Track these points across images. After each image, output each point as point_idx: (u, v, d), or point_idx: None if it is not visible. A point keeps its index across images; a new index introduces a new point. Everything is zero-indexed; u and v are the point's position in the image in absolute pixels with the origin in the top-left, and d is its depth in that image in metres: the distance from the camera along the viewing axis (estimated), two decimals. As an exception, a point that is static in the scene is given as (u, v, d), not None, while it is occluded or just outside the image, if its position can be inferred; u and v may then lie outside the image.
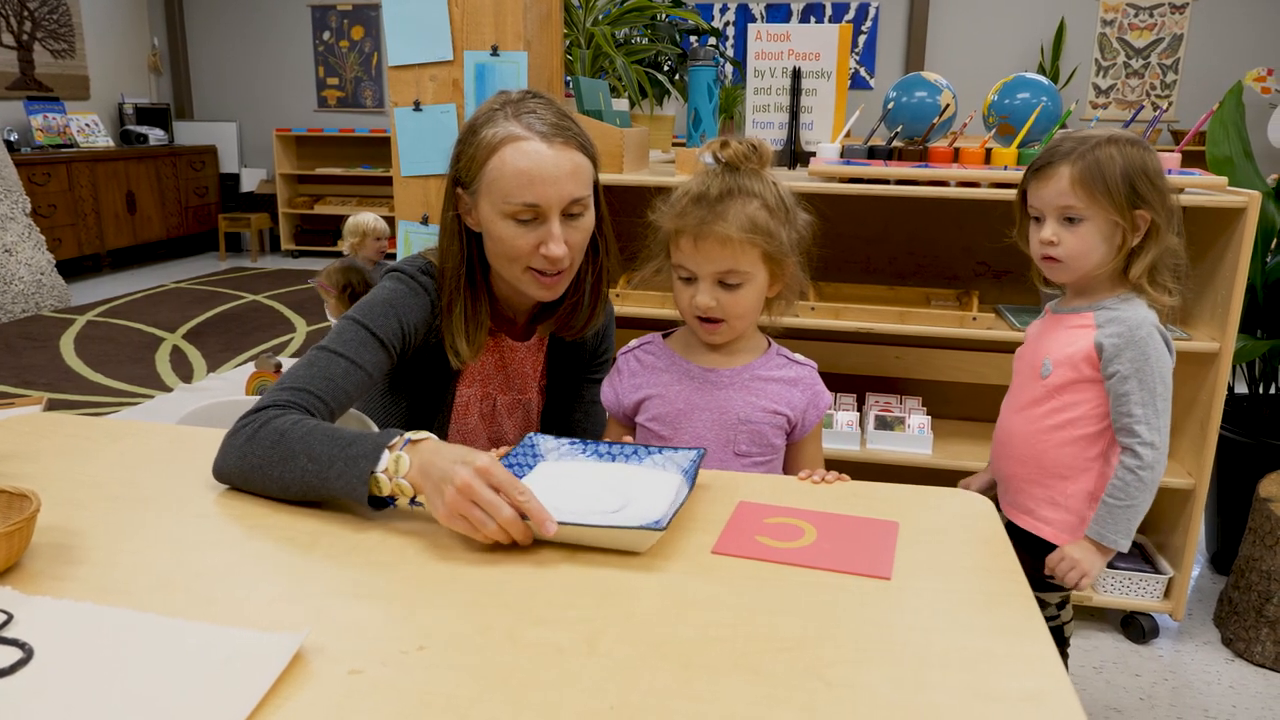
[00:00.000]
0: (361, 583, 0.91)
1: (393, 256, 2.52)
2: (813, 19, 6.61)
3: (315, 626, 0.81)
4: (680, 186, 1.27)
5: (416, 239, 2.28)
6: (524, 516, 0.95)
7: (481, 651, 0.79)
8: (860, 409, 2.34)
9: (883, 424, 2.25)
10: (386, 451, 1.02)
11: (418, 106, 2.20)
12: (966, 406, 2.46)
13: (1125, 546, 1.41)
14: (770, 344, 1.36)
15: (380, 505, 1.04)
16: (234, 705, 0.69)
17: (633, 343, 1.39)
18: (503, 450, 1.16)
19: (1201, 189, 1.99)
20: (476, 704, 0.72)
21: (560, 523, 0.95)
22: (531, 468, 1.16)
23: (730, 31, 6.75)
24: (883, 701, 0.73)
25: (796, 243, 1.27)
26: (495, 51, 2.12)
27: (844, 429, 2.23)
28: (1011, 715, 0.72)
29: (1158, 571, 2.15)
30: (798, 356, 1.36)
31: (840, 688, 0.75)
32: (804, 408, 1.32)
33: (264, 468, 1.06)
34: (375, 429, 1.37)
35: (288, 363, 3.68)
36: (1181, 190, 1.98)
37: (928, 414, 2.28)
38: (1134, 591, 2.16)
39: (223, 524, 1.03)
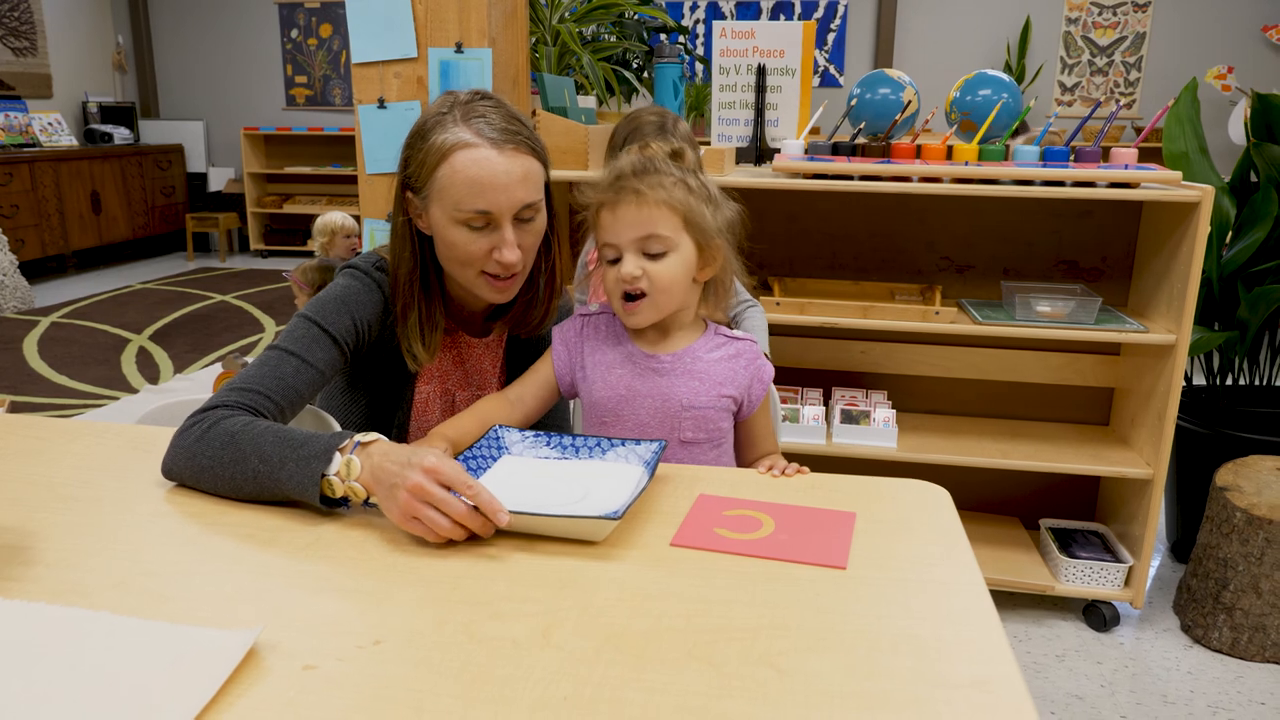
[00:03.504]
0: (319, 579, 0.91)
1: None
2: (782, 17, 6.63)
3: (271, 623, 0.81)
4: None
5: (382, 237, 2.27)
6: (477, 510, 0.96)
7: (437, 646, 0.79)
8: (826, 403, 2.36)
9: (848, 418, 2.27)
10: (338, 454, 1.02)
11: (382, 104, 2.19)
12: (931, 400, 2.49)
13: None
14: (708, 324, 1.34)
15: (333, 505, 1.04)
16: (185, 703, 0.69)
17: (594, 306, 1.37)
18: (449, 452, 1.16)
19: (1157, 184, 2.02)
20: (430, 697, 0.72)
21: (519, 513, 0.96)
22: (496, 460, 1.18)
23: (700, 30, 6.77)
24: (834, 689, 0.74)
25: (723, 230, 1.26)
26: (459, 48, 2.12)
27: (810, 423, 2.25)
28: (960, 701, 0.74)
29: (1118, 560, 2.19)
30: (736, 332, 1.34)
31: (792, 676, 0.76)
32: (748, 384, 1.30)
33: (214, 469, 1.06)
34: (336, 426, 1.37)
35: (255, 363, 3.64)
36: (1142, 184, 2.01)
37: (893, 408, 2.30)
38: (1095, 580, 2.19)
39: (179, 522, 1.03)
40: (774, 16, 6.64)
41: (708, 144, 2.27)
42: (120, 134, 7.08)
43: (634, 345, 1.31)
